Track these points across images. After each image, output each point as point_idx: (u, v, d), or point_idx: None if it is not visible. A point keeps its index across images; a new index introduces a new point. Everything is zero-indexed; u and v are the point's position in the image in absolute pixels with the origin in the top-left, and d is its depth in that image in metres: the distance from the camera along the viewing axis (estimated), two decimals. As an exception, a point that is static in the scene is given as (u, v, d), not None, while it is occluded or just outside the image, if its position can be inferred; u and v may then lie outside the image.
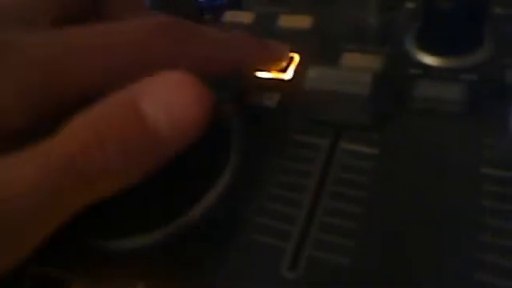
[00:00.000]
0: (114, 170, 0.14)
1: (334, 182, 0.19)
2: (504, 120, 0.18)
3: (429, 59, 0.23)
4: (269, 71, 0.24)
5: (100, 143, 0.14)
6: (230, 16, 0.29)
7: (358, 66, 0.23)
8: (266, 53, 0.23)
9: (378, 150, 0.20)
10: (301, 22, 0.27)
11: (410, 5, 0.27)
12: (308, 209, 0.18)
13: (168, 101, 0.15)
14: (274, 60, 0.24)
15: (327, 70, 0.20)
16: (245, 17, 0.29)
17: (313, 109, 0.21)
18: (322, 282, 0.16)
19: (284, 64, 0.24)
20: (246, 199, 0.19)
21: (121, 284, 0.17)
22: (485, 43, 0.23)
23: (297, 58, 0.25)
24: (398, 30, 0.26)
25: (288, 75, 0.24)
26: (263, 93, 0.23)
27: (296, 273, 0.17)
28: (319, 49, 0.25)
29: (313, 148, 0.20)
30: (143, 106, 0.15)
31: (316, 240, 0.18)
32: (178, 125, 0.15)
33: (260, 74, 0.24)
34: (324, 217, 0.18)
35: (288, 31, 0.27)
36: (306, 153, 0.20)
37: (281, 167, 0.20)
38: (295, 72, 0.24)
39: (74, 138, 0.14)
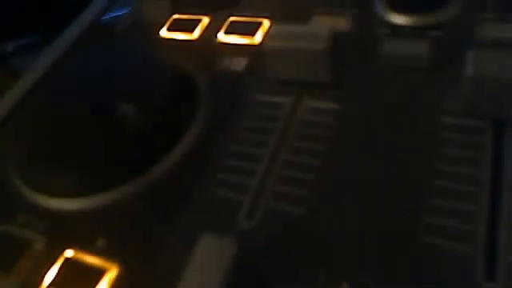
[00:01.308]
0: None
1: (295, 137, 0.19)
2: (462, 69, 0.18)
3: (397, 18, 0.23)
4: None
5: None
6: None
7: (320, 26, 0.23)
8: None
9: (340, 106, 0.20)
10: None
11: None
12: (267, 163, 0.18)
13: None
14: None
15: (288, 27, 0.20)
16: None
17: (276, 69, 0.21)
18: (277, 230, 0.16)
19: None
20: (210, 156, 0.19)
21: (82, 240, 0.18)
22: (452, 0, 0.23)
23: (266, 23, 0.25)
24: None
25: (256, 40, 0.24)
26: (232, 58, 0.23)
27: (252, 222, 0.17)
28: (289, 13, 0.25)
29: (276, 107, 0.20)
30: None
31: (273, 192, 0.18)
32: None
33: (229, 40, 0.24)
34: (282, 170, 0.18)
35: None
36: (269, 111, 0.20)
37: (244, 125, 0.20)
38: (263, 36, 0.24)
39: None
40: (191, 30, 0.26)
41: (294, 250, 0.16)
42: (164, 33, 0.26)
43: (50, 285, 0.17)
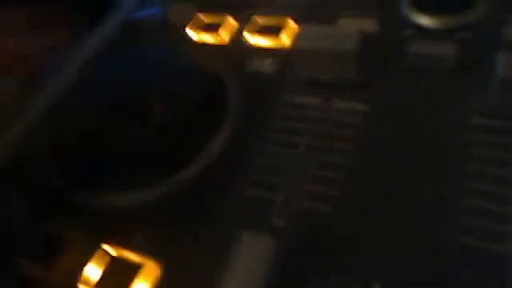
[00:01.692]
0: None
1: (324, 137, 0.20)
2: (494, 71, 0.18)
3: (423, 20, 0.23)
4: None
5: None
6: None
7: (348, 27, 0.23)
8: None
9: (369, 107, 0.20)
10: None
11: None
12: (297, 163, 0.19)
13: None
14: None
15: (316, 29, 0.20)
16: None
17: (305, 69, 0.21)
18: (308, 229, 0.17)
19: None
20: (242, 156, 0.20)
21: (120, 236, 0.18)
22: (478, 1, 0.23)
23: (293, 25, 0.25)
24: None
25: (282, 40, 0.24)
26: (259, 59, 0.24)
27: (285, 221, 0.17)
28: (316, 16, 0.26)
29: (306, 107, 0.21)
30: None
31: (304, 191, 0.18)
32: None
33: (256, 41, 0.25)
34: (312, 169, 0.19)
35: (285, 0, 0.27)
36: (298, 112, 0.21)
37: (274, 126, 0.21)
38: (290, 37, 0.24)
39: None
40: (217, 31, 0.26)
41: (325, 248, 0.16)
42: (191, 33, 0.27)
43: (89, 280, 0.17)
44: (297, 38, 0.21)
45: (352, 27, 0.23)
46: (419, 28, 0.23)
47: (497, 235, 0.15)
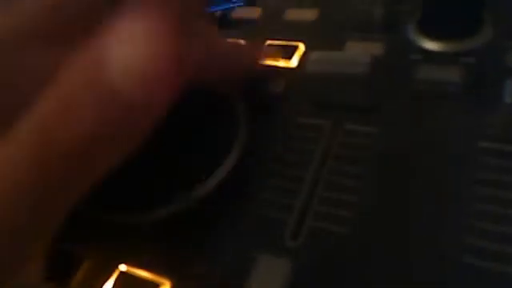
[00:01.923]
0: (86, 134, 0.13)
1: (335, 159, 0.20)
2: (500, 96, 0.19)
3: (430, 44, 0.24)
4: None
5: (66, 107, 0.13)
6: (238, 12, 0.31)
7: (359, 52, 0.23)
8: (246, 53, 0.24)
9: (379, 129, 0.21)
10: (307, 14, 0.28)
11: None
12: (309, 184, 0.19)
13: (134, 58, 0.14)
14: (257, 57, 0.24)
15: (327, 54, 0.21)
16: (252, 12, 0.30)
17: (315, 92, 0.22)
18: (321, 249, 0.17)
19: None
20: (253, 176, 0.20)
21: (135, 255, 0.19)
22: (484, 27, 0.23)
23: (302, 47, 0.26)
24: (400, 19, 0.26)
25: (293, 63, 0.25)
26: (270, 80, 0.24)
27: (297, 242, 0.18)
28: (324, 38, 0.26)
29: (315, 129, 0.21)
30: (108, 67, 0.14)
31: (316, 212, 0.18)
32: (147, 83, 0.14)
33: (266, 63, 0.25)
34: (324, 191, 0.19)
35: (294, 23, 0.28)
36: (308, 133, 0.21)
37: (284, 147, 0.21)
38: (300, 60, 0.25)
39: (44, 105, 0.13)
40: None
41: (338, 267, 0.17)
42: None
43: (105, 298, 0.18)
44: (308, 61, 0.21)
45: (361, 51, 0.24)
46: (425, 52, 0.24)
47: (498, 255, 0.16)
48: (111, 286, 0.18)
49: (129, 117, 0.14)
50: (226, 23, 0.30)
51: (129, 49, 0.14)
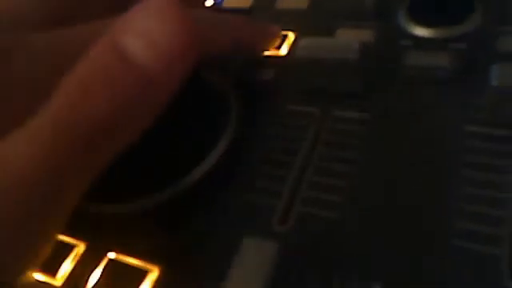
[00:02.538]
0: (104, 118, 0.13)
1: (325, 145, 0.20)
2: (488, 80, 0.19)
3: (420, 31, 0.24)
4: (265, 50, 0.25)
5: (84, 92, 0.13)
6: (230, 2, 0.31)
7: (349, 38, 0.23)
8: (258, 32, 0.24)
9: (369, 115, 0.21)
10: (298, 3, 0.28)
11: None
12: (298, 170, 0.19)
13: (149, 32, 0.14)
14: (267, 38, 0.24)
15: (317, 40, 0.21)
16: (245, 1, 0.30)
17: (305, 79, 0.22)
18: (310, 234, 0.17)
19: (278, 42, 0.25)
20: (242, 163, 0.20)
21: (123, 243, 0.19)
22: (473, 13, 0.23)
23: (291, 35, 0.26)
24: (391, 6, 0.26)
25: (283, 52, 0.25)
26: (260, 68, 0.24)
27: (286, 227, 0.18)
28: (314, 26, 0.26)
29: (305, 116, 0.21)
30: (124, 43, 0.14)
31: (305, 197, 0.18)
32: (162, 56, 0.14)
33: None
34: (313, 176, 0.19)
35: (285, 12, 0.28)
36: (298, 120, 0.21)
37: (274, 134, 0.21)
38: (289, 49, 0.25)
39: (60, 94, 0.13)
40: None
41: (326, 252, 0.17)
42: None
43: (93, 286, 0.18)
44: (298, 48, 0.21)
45: (351, 38, 0.24)
46: (416, 38, 0.24)
47: (487, 238, 0.16)
48: (100, 273, 0.18)
49: (148, 93, 0.14)
50: (217, 13, 0.30)
51: (145, 25, 0.14)
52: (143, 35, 0.14)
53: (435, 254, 0.16)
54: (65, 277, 0.18)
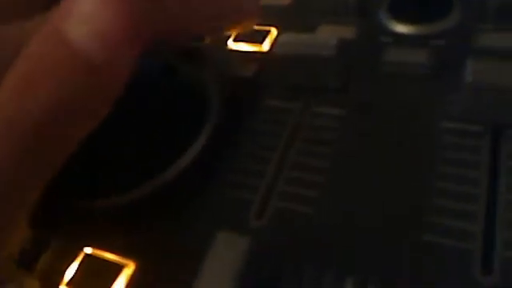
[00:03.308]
0: (51, 108, 0.13)
1: (303, 140, 0.20)
2: (463, 76, 0.19)
3: (400, 27, 0.24)
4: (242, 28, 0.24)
5: (27, 82, 0.13)
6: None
7: (328, 35, 0.24)
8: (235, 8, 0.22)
9: (346, 111, 0.21)
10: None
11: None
12: (276, 165, 0.19)
13: (91, 17, 0.14)
14: (247, 15, 0.22)
15: (296, 36, 0.21)
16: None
17: (285, 75, 0.22)
18: (286, 229, 0.17)
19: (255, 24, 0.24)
20: (220, 158, 0.20)
21: (100, 238, 0.19)
22: (453, 10, 0.24)
23: (274, 31, 0.26)
24: (373, 3, 0.26)
25: (265, 47, 0.25)
26: (241, 64, 0.24)
27: (262, 221, 0.18)
28: (296, 23, 0.26)
29: (285, 111, 0.21)
30: (66, 29, 0.13)
31: (282, 192, 0.18)
32: (106, 42, 0.14)
33: (238, 47, 0.25)
34: (291, 171, 0.19)
35: (268, 7, 0.28)
36: (278, 116, 0.21)
37: (253, 129, 0.21)
38: (272, 44, 0.25)
39: (4, 89, 0.13)
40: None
41: (302, 247, 0.17)
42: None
43: (70, 280, 0.18)
44: (278, 45, 0.21)
45: (331, 34, 0.24)
46: (396, 35, 0.24)
47: (459, 233, 0.16)
48: (76, 268, 0.18)
49: (94, 79, 0.14)
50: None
51: (87, 10, 0.14)
52: (85, 21, 0.14)
53: (409, 248, 0.16)
54: (41, 271, 0.18)
